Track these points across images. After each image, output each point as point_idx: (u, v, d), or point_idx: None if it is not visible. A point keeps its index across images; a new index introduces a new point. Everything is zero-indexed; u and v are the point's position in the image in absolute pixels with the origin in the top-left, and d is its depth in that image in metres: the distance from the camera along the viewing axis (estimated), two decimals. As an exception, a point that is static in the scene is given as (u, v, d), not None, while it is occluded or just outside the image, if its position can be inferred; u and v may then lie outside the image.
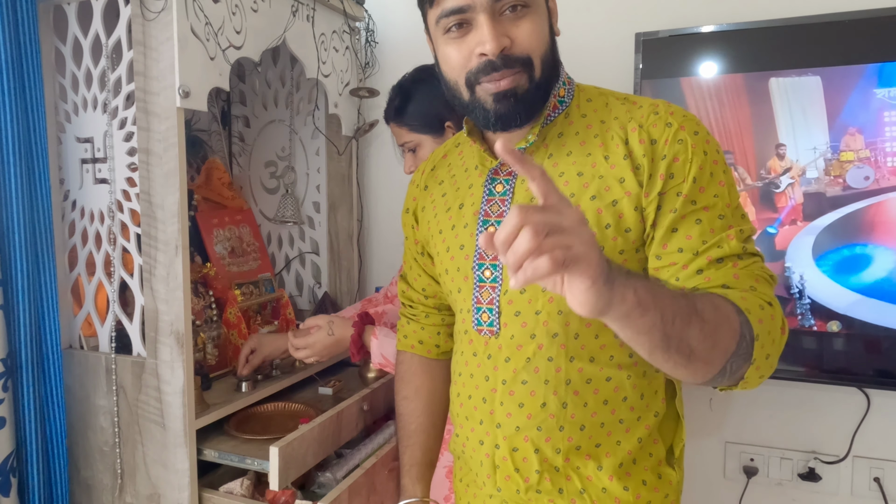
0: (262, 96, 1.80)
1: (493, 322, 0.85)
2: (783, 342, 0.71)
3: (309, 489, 1.29)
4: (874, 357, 1.31)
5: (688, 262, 0.75)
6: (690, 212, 0.75)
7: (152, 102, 1.12)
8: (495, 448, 0.86)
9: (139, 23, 1.11)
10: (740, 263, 0.73)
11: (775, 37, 1.34)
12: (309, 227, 1.80)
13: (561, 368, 0.81)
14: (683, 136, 0.76)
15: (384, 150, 1.83)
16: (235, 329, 1.44)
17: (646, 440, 0.84)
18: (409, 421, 1.07)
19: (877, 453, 1.42)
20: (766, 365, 0.69)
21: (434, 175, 1.00)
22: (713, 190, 0.76)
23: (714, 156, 0.77)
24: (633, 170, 0.77)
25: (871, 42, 1.27)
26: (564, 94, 0.85)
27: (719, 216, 0.75)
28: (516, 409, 0.84)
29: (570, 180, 0.80)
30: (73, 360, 1.24)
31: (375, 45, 1.75)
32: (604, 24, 1.56)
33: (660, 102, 0.81)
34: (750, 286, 0.71)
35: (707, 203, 0.75)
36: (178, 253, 1.12)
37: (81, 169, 1.25)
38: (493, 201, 0.86)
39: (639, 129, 0.78)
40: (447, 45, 0.80)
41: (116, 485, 1.22)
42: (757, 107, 1.36)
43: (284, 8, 1.36)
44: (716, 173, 0.76)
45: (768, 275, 0.75)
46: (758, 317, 0.67)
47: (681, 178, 0.76)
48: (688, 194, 0.75)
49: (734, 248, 0.73)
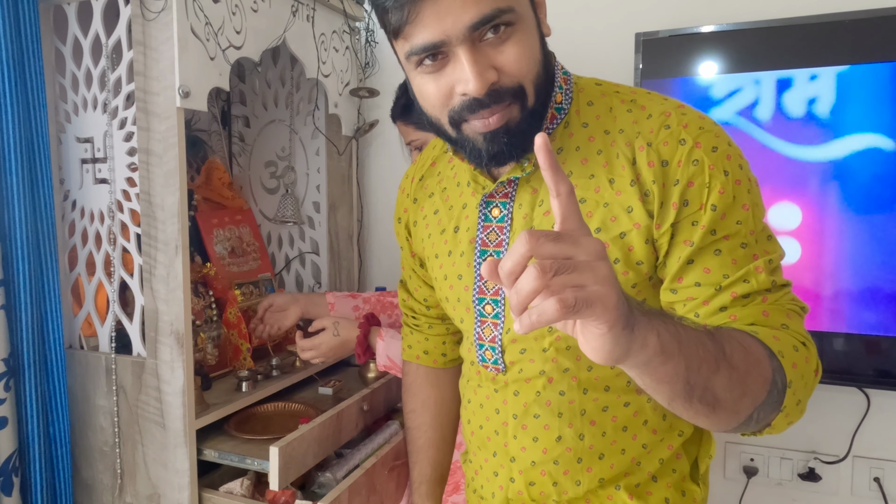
0: (262, 96, 1.80)
1: (498, 360, 0.79)
2: (815, 384, 0.63)
3: (309, 489, 1.29)
4: (874, 357, 1.31)
5: (709, 298, 0.67)
6: (710, 243, 0.67)
7: (152, 102, 1.12)
8: (510, 481, 0.82)
9: (139, 23, 1.11)
10: (770, 298, 0.66)
11: (775, 37, 1.34)
12: (309, 227, 1.80)
13: (574, 401, 0.76)
14: (699, 156, 0.66)
15: (384, 150, 1.83)
16: (235, 329, 1.44)
17: (668, 459, 0.79)
18: (417, 436, 1.04)
19: (877, 453, 1.42)
20: (796, 411, 0.62)
21: (423, 186, 0.91)
22: (735, 216, 0.66)
23: (736, 174, 0.67)
24: (642, 197, 0.68)
25: (872, 42, 1.27)
26: (562, 100, 0.74)
27: (741, 245, 0.67)
28: (530, 443, 0.79)
29: None
30: (73, 360, 1.24)
31: (375, 45, 1.75)
32: (604, 24, 1.56)
33: (672, 110, 0.70)
34: (781, 324, 0.64)
35: (728, 231, 0.66)
36: (178, 253, 1.12)
37: (81, 169, 1.25)
38: (490, 228, 0.78)
39: (647, 148, 0.68)
40: (422, 79, 0.68)
41: (116, 485, 1.22)
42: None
43: (284, 8, 1.36)
44: (739, 196, 0.67)
45: (799, 307, 0.67)
46: (791, 360, 0.60)
47: (697, 206, 0.66)
48: (706, 224, 0.66)
49: (763, 282, 0.65)
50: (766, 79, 1.34)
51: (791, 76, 1.32)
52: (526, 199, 0.75)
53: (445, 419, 1.04)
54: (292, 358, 1.51)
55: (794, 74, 1.32)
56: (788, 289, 0.68)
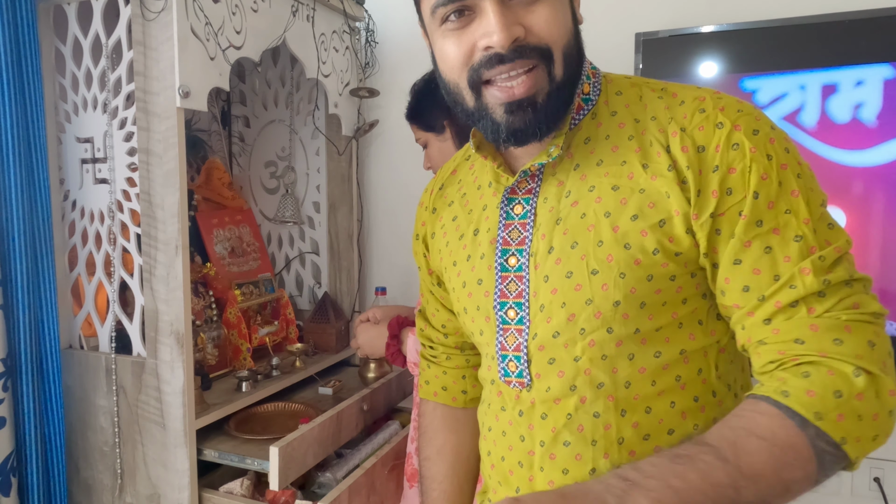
0: (262, 96, 1.80)
1: (523, 372, 0.71)
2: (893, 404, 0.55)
3: (309, 489, 1.29)
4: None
5: (754, 309, 0.60)
6: (756, 236, 0.60)
7: (152, 102, 1.12)
8: None
9: (139, 23, 1.11)
10: (820, 306, 0.58)
11: (775, 37, 1.34)
12: (309, 227, 1.80)
13: (611, 425, 0.66)
14: (739, 139, 0.61)
15: (384, 150, 1.83)
16: (235, 329, 1.44)
17: (692, 412, 0.70)
18: (431, 487, 0.92)
19: (877, 453, 1.41)
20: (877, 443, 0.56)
21: (443, 195, 0.85)
22: (784, 204, 0.60)
23: (782, 157, 0.61)
24: (680, 184, 0.62)
25: (873, 42, 1.27)
26: (590, 91, 0.70)
27: (795, 237, 0.59)
28: (560, 476, 0.69)
29: (604, 195, 0.65)
30: (73, 360, 1.24)
31: (375, 45, 1.75)
32: (604, 24, 1.56)
33: (706, 95, 0.65)
34: (833, 339, 0.56)
35: (777, 223, 0.60)
36: (178, 253, 1.12)
37: (81, 169, 1.25)
38: (512, 226, 0.72)
39: (681, 133, 0.63)
40: (444, 39, 0.65)
41: (116, 485, 1.22)
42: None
43: (284, 8, 1.36)
44: (786, 181, 0.60)
45: (869, 313, 0.58)
46: (835, 413, 0.53)
47: (741, 195, 0.60)
48: (749, 214, 0.60)
49: (810, 285, 0.58)
50: (810, 82, 1.33)
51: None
52: (551, 191, 0.69)
53: (462, 470, 0.92)
54: (292, 358, 1.51)
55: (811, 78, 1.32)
56: (853, 289, 0.59)
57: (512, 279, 0.71)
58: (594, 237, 0.65)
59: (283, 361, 1.48)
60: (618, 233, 0.64)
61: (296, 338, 1.62)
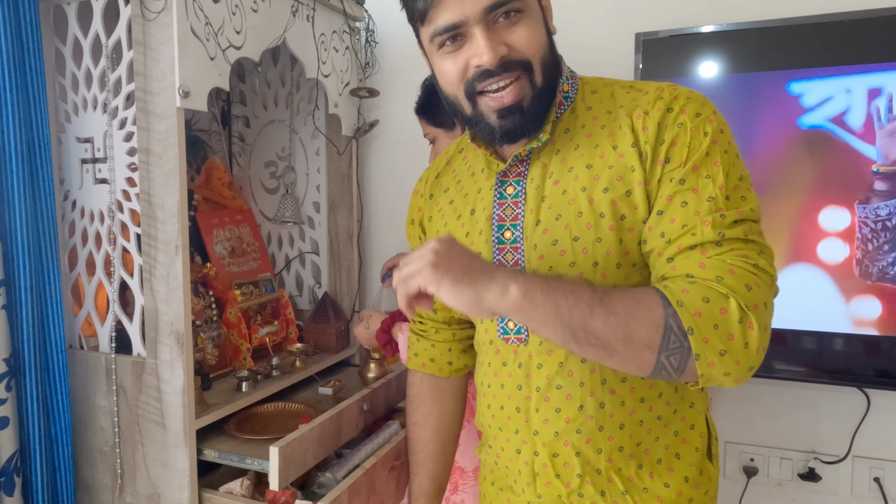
0: (262, 96, 1.80)
1: (521, 329, 0.84)
2: (752, 338, 0.64)
3: (309, 489, 1.29)
4: (874, 357, 1.31)
5: (662, 250, 0.72)
6: (677, 192, 0.72)
7: (152, 102, 1.12)
8: (534, 455, 0.85)
9: (139, 23, 1.11)
10: (712, 251, 0.68)
11: (775, 37, 1.34)
12: (309, 227, 1.80)
13: (595, 369, 0.80)
14: (683, 120, 0.73)
15: (384, 150, 1.83)
16: (235, 329, 1.44)
17: (685, 432, 0.83)
18: (418, 448, 1.07)
19: (877, 453, 1.42)
20: (723, 361, 0.64)
21: (439, 183, 0.97)
22: (706, 171, 0.72)
23: (715, 135, 0.73)
24: (640, 158, 0.75)
25: (873, 43, 1.27)
26: (568, 90, 0.82)
27: (708, 198, 0.70)
28: (553, 414, 0.82)
29: (580, 174, 0.78)
30: (73, 360, 1.24)
31: (375, 45, 1.75)
32: (604, 24, 1.56)
33: (665, 86, 0.78)
34: (716, 276, 0.66)
35: (696, 185, 0.71)
36: (178, 253, 1.12)
37: (81, 169, 1.25)
38: (506, 204, 0.83)
39: (644, 115, 0.76)
40: (443, 60, 0.78)
41: (116, 485, 1.22)
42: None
43: (284, 8, 1.36)
44: (713, 153, 0.72)
45: (751, 265, 0.67)
46: (694, 310, 0.64)
47: (677, 163, 0.73)
48: (677, 176, 0.72)
49: (707, 234, 0.69)
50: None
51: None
52: (537, 173, 0.81)
53: (446, 433, 1.06)
54: (292, 358, 1.51)
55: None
56: (746, 247, 0.69)
57: (508, 250, 0.83)
58: (574, 209, 0.77)
59: (283, 361, 1.48)
60: (593, 204, 0.76)
61: (296, 338, 1.62)
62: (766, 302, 0.66)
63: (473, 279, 0.66)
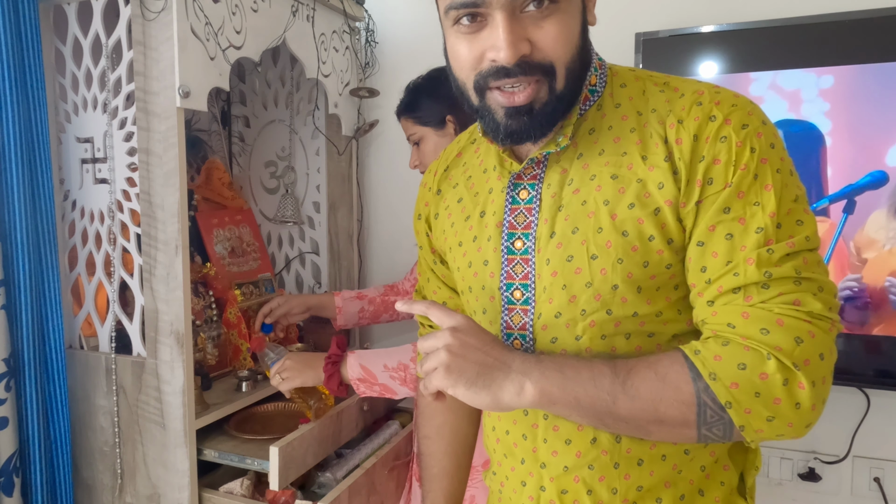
0: (262, 96, 1.80)
1: (528, 349, 0.74)
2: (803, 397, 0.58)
3: (309, 489, 1.29)
4: (874, 357, 1.31)
5: (703, 290, 0.64)
6: (720, 222, 0.63)
7: (152, 102, 1.12)
8: (540, 490, 0.76)
9: (139, 23, 1.11)
10: (758, 296, 0.61)
11: (775, 37, 1.34)
12: (309, 227, 1.80)
13: None
14: (727, 132, 0.63)
15: (384, 150, 1.83)
16: (235, 329, 1.44)
17: (711, 468, 0.73)
18: (431, 464, 0.97)
19: (877, 453, 1.42)
20: (772, 427, 0.60)
21: (447, 177, 0.87)
22: (754, 196, 0.62)
23: (764, 152, 0.63)
24: (673, 174, 0.65)
25: (872, 43, 1.27)
26: (596, 82, 0.72)
27: (757, 229, 0.61)
28: (563, 446, 0.73)
29: (604, 184, 0.68)
30: (73, 360, 1.24)
31: (375, 45, 1.75)
32: (604, 24, 1.55)
33: (705, 89, 0.68)
34: (761, 328, 0.59)
35: (743, 213, 0.62)
36: (178, 253, 1.12)
37: (81, 169, 1.25)
38: (518, 210, 0.75)
39: (678, 125, 0.66)
40: (456, 40, 0.68)
41: (116, 485, 1.22)
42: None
43: (284, 8, 1.36)
44: (762, 174, 0.62)
45: (806, 311, 0.60)
46: (730, 381, 0.59)
47: (721, 185, 0.63)
48: (720, 202, 0.63)
49: (751, 275, 0.61)
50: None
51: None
52: (555, 178, 0.73)
53: (460, 447, 0.97)
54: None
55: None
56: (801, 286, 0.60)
57: (518, 262, 0.74)
58: (594, 224, 0.68)
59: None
60: (616, 220, 0.67)
61: (296, 338, 1.62)
62: (823, 353, 0.60)
63: (489, 381, 0.64)
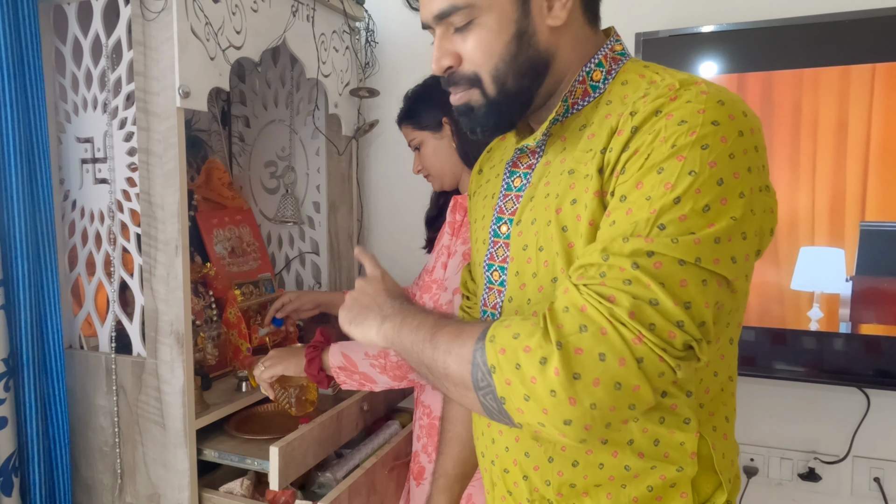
0: (262, 96, 1.80)
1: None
2: (556, 385, 0.54)
3: (309, 489, 1.29)
4: (874, 357, 1.31)
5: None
6: (614, 209, 0.61)
7: (152, 102, 1.12)
8: (491, 464, 0.80)
9: (139, 23, 1.11)
10: (588, 280, 0.58)
11: (775, 37, 1.34)
12: (309, 227, 1.80)
13: None
14: (660, 127, 0.60)
15: (384, 150, 1.83)
16: (235, 329, 1.44)
17: (662, 489, 0.69)
18: (447, 427, 1.02)
19: (877, 453, 1.42)
20: (529, 409, 0.56)
21: (489, 158, 0.93)
22: (650, 190, 0.58)
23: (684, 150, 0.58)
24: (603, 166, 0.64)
25: (872, 43, 1.27)
26: (600, 79, 0.72)
27: (633, 221, 0.58)
28: (505, 427, 0.75)
29: (563, 179, 0.69)
30: (73, 360, 1.24)
31: (375, 45, 1.75)
32: (604, 24, 1.56)
33: (682, 82, 0.63)
34: (565, 307, 0.57)
35: (633, 204, 0.59)
36: (178, 253, 1.12)
37: (81, 169, 1.25)
38: (510, 197, 0.79)
39: (629, 116, 0.63)
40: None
41: (116, 485, 1.22)
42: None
43: (284, 8, 1.36)
44: (669, 170, 0.57)
45: (606, 310, 0.55)
46: (501, 345, 0.58)
47: (629, 175, 0.60)
48: (622, 191, 0.60)
49: (594, 257, 0.58)
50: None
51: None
52: (539, 170, 0.76)
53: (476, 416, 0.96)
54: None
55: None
56: (628, 287, 0.55)
57: (501, 245, 0.78)
58: (546, 216, 0.70)
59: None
60: (560, 215, 0.68)
61: (295, 338, 1.61)
62: (605, 353, 0.54)
63: (363, 319, 0.76)
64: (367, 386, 1.20)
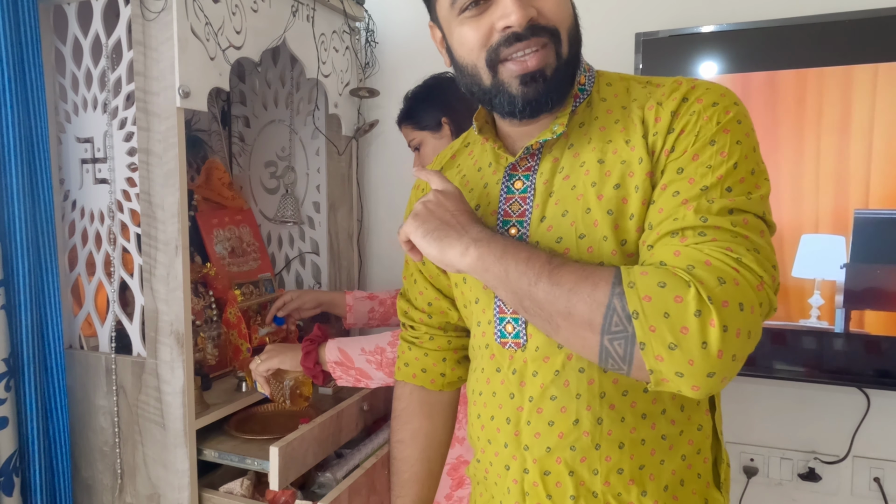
0: (262, 96, 1.80)
1: (520, 333, 0.77)
2: (712, 337, 0.56)
3: (309, 489, 1.29)
4: (874, 357, 1.31)
5: (646, 238, 0.67)
6: (672, 181, 0.66)
7: (152, 102, 1.12)
8: (524, 473, 0.77)
9: (139, 23, 1.11)
10: (692, 239, 0.62)
11: (775, 37, 1.34)
12: (309, 227, 1.80)
13: (594, 380, 0.72)
14: (697, 108, 0.68)
15: (384, 150, 1.83)
16: (235, 329, 1.44)
17: (692, 457, 0.75)
18: (402, 469, 0.97)
19: (877, 453, 1.42)
20: (672, 357, 0.58)
21: (453, 164, 0.91)
22: (708, 159, 0.66)
23: (728, 125, 0.67)
24: (647, 148, 0.70)
25: (872, 43, 1.27)
26: (585, 82, 0.78)
27: (702, 188, 0.64)
28: (546, 427, 0.75)
29: (591, 169, 0.73)
30: (73, 360, 1.24)
31: (375, 45, 1.75)
32: (604, 24, 1.56)
33: (683, 79, 0.73)
34: (688, 265, 0.60)
35: (694, 174, 0.65)
36: (178, 253, 1.12)
37: (81, 169, 1.25)
38: (513, 200, 0.78)
39: (657, 106, 0.71)
40: (462, 26, 0.73)
41: (116, 485, 1.22)
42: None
43: (284, 8, 1.36)
44: (720, 142, 0.66)
45: (735, 259, 0.60)
46: (645, 292, 0.59)
47: (681, 152, 0.67)
48: (677, 165, 0.67)
49: (689, 219, 0.63)
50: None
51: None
52: (547, 168, 0.77)
53: (434, 453, 0.97)
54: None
55: (794, 74, 1.31)
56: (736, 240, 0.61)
57: None
58: (583, 205, 0.72)
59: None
60: (602, 200, 0.71)
61: (296, 337, 1.61)
62: (743, 303, 0.58)
63: (442, 235, 0.70)
64: (363, 382, 1.20)
